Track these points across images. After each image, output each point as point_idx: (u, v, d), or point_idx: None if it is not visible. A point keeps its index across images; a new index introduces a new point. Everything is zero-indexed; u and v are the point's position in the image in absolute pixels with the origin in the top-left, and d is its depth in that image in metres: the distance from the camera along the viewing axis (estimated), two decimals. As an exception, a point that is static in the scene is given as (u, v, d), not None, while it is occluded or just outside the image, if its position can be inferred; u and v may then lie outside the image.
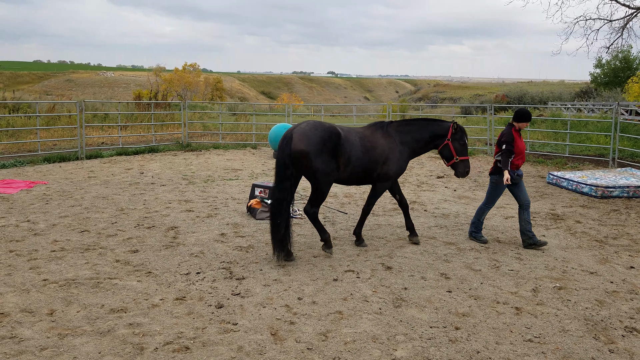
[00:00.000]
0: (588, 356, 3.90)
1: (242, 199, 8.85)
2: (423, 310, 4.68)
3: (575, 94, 46.47)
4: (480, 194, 9.85)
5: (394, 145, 6.31)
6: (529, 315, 4.59)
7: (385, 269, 5.71)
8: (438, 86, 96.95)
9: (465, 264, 5.93)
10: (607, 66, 42.72)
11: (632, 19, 14.14)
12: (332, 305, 4.73)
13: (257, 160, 13.64)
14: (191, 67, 44.13)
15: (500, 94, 53.66)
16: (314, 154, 5.66)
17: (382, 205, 8.75)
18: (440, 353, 3.92)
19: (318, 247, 6.42)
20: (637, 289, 5.25)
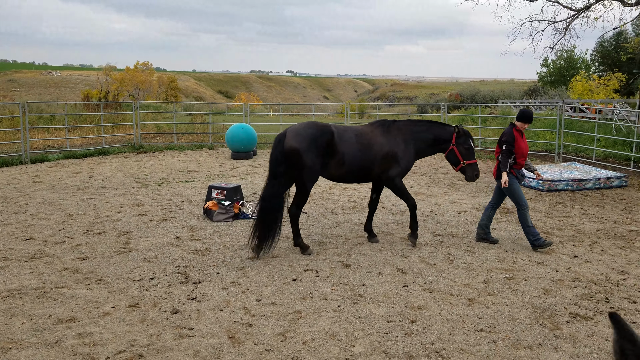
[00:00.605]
0: (536, 342, 4.06)
1: (198, 202, 8.71)
2: (380, 305, 4.75)
3: (524, 92, 48.22)
4: (435, 190, 10.07)
5: (397, 143, 6.32)
6: (481, 306, 4.73)
7: (344, 267, 5.75)
8: (395, 85, 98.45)
9: (420, 259, 6.05)
10: (552, 65, 44.57)
11: (573, 20, 14.80)
12: (291, 305, 4.73)
13: (214, 161, 13.46)
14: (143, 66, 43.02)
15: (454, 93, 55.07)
16: (304, 151, 5.82)
17: (341, 204, 8.81)
18: (397, 346, 3.99)
19: (276, 248, 6.39)
20: (581, 277, 5.51)
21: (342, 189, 10.11)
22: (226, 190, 7.87)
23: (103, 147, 14.59)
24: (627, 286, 5.29)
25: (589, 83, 31.96)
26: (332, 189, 10.10)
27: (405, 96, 73.27)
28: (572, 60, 43.58)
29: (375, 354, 3.89)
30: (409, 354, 3.89)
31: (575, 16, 14.61)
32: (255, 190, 9.70)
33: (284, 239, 6.79)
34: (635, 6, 13.77)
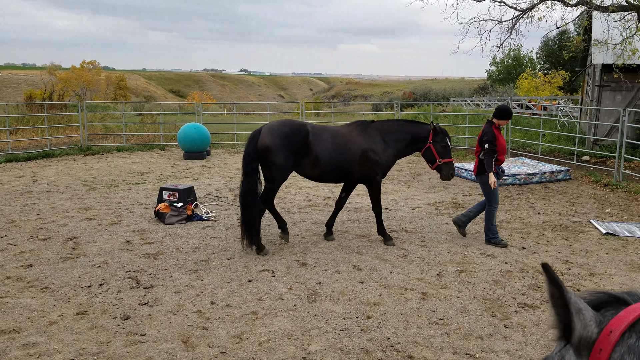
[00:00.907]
0: (486, 333, 4.19)
1: (149, 204, 8.49)
2: (337, 302, 4.77)
3: (474, 90, 49.72)
4: (390, 187, 10.21)
5: (376, 142, 6.31)
6: (434, 299, 4.83)
7: (300, 266, 5.75)
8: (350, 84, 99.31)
9: (376, 255, 6.12)
10: (501, 64, 46.13)
11: (519, 20, 15.29)
12: (246, 307, 4.68)
13: (166, 162, 13.15)
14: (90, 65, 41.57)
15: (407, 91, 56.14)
16: (276, 149, 5.88)
17: (297, 203, 8.80)
18: (353, 343, 4.02)
19: (232, 249, 6.32)
20: (528, 268, 5.72)
21: (297, 187, 10.10)
22: (178, 192, 7.70)
23: (48, 149, 13.98)
24: (572, 275, 5.53)
25: (535, 81, 33.29)
26: (287, 188, 10.07)
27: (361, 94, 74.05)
28: (519, 59, 45.25)
29: (332, 351, 3.90)
30: (365, 349, 3.92)
31: (520, 16, 15.10)
32: (209, 191, 9.55)
33: (240, 239, 6.71)
34: (576, 7, 14.38)
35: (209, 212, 7.85)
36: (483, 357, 3.81)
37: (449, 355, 3.83)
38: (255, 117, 27.03)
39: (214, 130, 17.98)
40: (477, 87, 50.95)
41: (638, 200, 9.15)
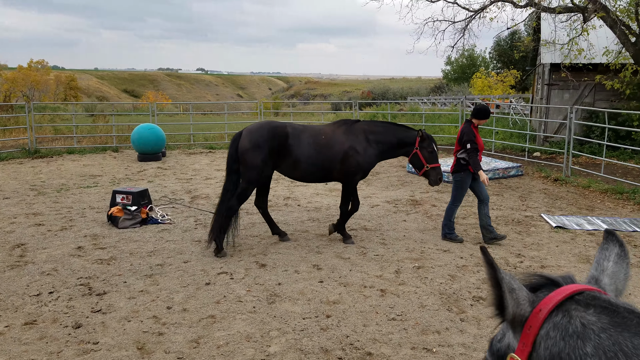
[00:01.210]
0: (443, 327, 4.27)
1: (101, 208, 8.22)
2: (296, 303, 4.75)
3: (430, 89, 50.72)
4: (348, 186, 10.26)
5: (359, 141, 6.29)
6: (393, 296, 4.89)
7: (259, 267, 5.69)
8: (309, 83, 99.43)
9: (335, 254, 6.14)
10: (455, 63, 47.24)
11: (471, 20, 15.69)
12: (204, 310, 4.60)
13: (119, 164, 12.77)
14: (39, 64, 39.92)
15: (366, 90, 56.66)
16: (254, 150, 5.98)
17: (254, 203, 8.71)
18: (313, 343, 4.01)
19: (188, 252, 6.20)
20: (482, 262, 5.86)
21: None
22: (132, 195, 7.49)
23: (-7, 152, 13.33)
24: (524, 268, 5.71)
25: (488, 80, 34.24)
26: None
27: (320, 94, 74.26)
28: (473, 59, 46.46)
29: (291, 352, 3.88)
30: (324, 348, 3.92)
31: (472, 17, 15.49)
32: (165, 194, 9.35)
33: (197, 242, 6.60)
34: (525, 8, 14.87)
35: (164, 215, 7.68)
36: (440, 351, 3.88)
37: (407, 351, 3.88)
38: (212, 117, 26.64)
39: (170, 130, 17.62)
40: (434, 86, 52.00)
41: (585, 194, 9.56)
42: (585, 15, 13.04)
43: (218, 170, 11.97)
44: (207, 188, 9.94)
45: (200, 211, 8.14)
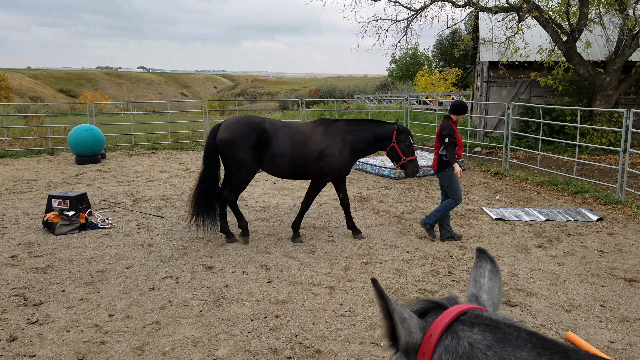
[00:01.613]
0: (390, 322, 4.33)
1: (37, 214, 7.80)
2: (244, 304, 4.69)
3: (376, 87, 51.47)
4: (297, 184, 10.26)
5: (335, 142, 6.30)
6: (341, 292, 4.93)
7: (206, 270, 5.58)
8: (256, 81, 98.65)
9: (284, 253, 6.11)
10: (400, 62, 48.16)
11: (413, 19, 16.05)
12: (148, 317, 4.46)
13: (55, 167, 12.18)
14: (-35, 64, 37.44)
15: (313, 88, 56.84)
16: (232, 144, 6.12)
17: (201, 204, 8.54)
18: (262, 343, 3.97)
19: (131, 257, 5.99)
20: (428, 255, 6.02)
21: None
22: (69, 199, 7.16)
23: None
24: (466, 259, 5.90)
25: (431, 78, 35.16)
26: (192, 190, 9.75)
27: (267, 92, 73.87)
28: (416, 57, 47.51)
29: (240, 354, 3.83)
30: (274, 349, 3.90)
31: (414, 16, 15.86)
32: (105, 197, 9.00)
33: (140, 247, 6.39)
34: (464, 7, 15.37)
35: (105, 220, 7.39)
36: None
37: (356, 346, 3.92)
38: (155, 116, 25.90)
39: (110, 131, 16.99)
40: (379, 84, 52.80)
41: (523, 187, 10.00)
42: (520, 14, 13.64)
43: (161, 172, 11.66)
44: (150, 190, 9.66)
45: (143, 214, 7.89)
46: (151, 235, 6.84)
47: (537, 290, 5.01)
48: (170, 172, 11.63)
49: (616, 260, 5.86)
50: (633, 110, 8.68)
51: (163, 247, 6.34)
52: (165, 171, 11.79)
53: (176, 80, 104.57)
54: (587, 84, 14.55)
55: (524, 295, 4.89)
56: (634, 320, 4.39)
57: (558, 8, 13.65)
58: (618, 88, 13.73)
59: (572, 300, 4.79)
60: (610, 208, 8.26)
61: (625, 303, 4.73)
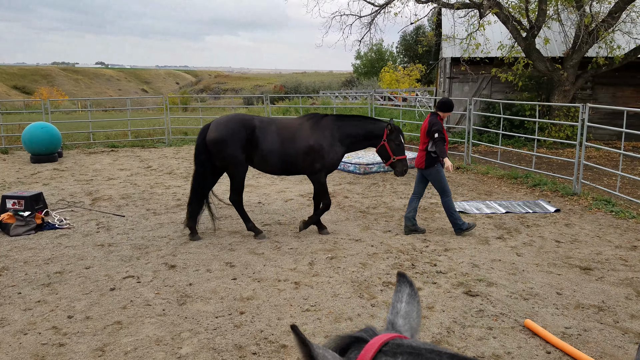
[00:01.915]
0: (355, 313, 4.37)
1: (-10, 214, 7.49)
2: (208, 302, 4.64)
3: (342, 83, 51.68)
4: (262, 181, 10.20)
5: (325, 137, 6.29)
6: (307, 287, 4.93)
7: (168, 268, 5.49)
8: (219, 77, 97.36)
9: (249, 250, 6.07)
10: (365, 58, 48.48)
11: (376, 15, 16.16)
12: (109, 317, 4.35)
13: (10, 167, 11.72)
14: None
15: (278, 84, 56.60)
16: (222, 142, 6.10)
17: (164, 203, 8.39)
18: (226, 340, 3.94)
19: (90, 258, 5.83)
20: (392, 249, 6.09)
21: (164, 187, 9.65)
22: (24, 199, 6.90)
23: None
24: (429, 252, 6.00)
25: (396, 74, 35.54)
26: (153, 188, 9.58)
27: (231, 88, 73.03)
28: (381, 53, 47.92)
29: (204, 351, 3.79)
30: (239, 345, 3.87)
31: (378, 11, 15.96)
32: (63, 197, 8.72)
33: (99, 247, 6.23)
34: (426, 3, 15.57)
35: (62, 220, 7.16)
36: (352, 338, 3.97)
37: (321, 340, 3.93)
38: (114, 113, 25.25)
39: (67, 129, 16.46)
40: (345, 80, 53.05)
41: (484, 180, 10.24)
42: (481, 11, 13.92)
43: (121, 170, 11.39)
44: (110, 189, 9.42)
45: (102, 214, 7.69)
46: (111, 235, 6.67)
47: (497, 280, 5.14)
48: (131, 170, 11.37)
49: (572, 250, 6.07)
50: (589, 105, 9.00)
51: (124, 247, 6.20)
52: (126, 169, 11.52)
53: (136, 76, 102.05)
54: (545, 80, 15.00)
55: (485, 285, 5.01)
56: (589, 306, 4.56)
57: (518, 5, 13.99)
58: (575, 83, 14.20)
59: (530, 289, 4.94)
60: (567, 200, 8.55)
61: (581, 290, 4.91)
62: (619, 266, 5.53)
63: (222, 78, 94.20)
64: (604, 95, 15.80)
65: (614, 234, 6.67)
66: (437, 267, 5.50)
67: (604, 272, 5.37)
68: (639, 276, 5.24)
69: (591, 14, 12.97)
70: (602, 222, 7.22)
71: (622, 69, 14.47)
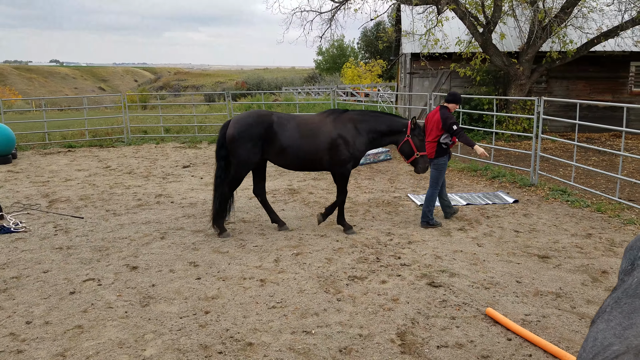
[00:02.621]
0: (321, 308, 4.40)
1: (-62, 219, 7.14)
2: (172, 303, 4.57)
3: (304, 79, 51.59)
4: (224, 178, 10.09)
5: (348, 131, 6.31)
6: (272, 284, 4.92)
7: (130, 270, 5.37)
8: (179, 74, 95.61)
9: (213, 249, 6.00)
10: (327, 54, 48.54)
11: (337, 11, 16.21)
12: (69, 321, 4.23)
13: (-39, 169, 11.20)
14: None
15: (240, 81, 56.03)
16: (239, 139, 6.17)
17: (125, 204, 8.20)
18: (191, 341, 3.89)
19: (48, 261, 5.64)
20: (357, 243, 6.15)
21: (124, 187, 9.42)
22: None
23: None
24: (393, 245, 6.09)
25: (358, 69, 35.75)
26: (112, 188, 9.34)
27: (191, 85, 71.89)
28: (342, 49, 48.07)
29: (169, 352, 3.73)
30: (204, 345, 3.83)
31: (338, 7, 16.00)
32: (18, 199, 8.40)
33: (58, 250, 6.03)
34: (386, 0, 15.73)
35: (18, 223, 6.90)
36: (319, 332, 3.99)
37: (287, 336, 3.94)
38: (71, 112, 24.46)
39: (21, 129, 15.84)
40: (307, 76, 52.98)
41: (445, 174, 10.41)
42: (439, 7, 14.15)
43: (79, 171, 11.05)
44: (68, 190, 9.13)
45: (60, 216, 7.45)
46: (70, 237, 6.48)
47: (459, 270, 5.27)
48: (89, 171, 11.05)
49: (530, 239, 6.28)
50: (544, 98, 9.30)
51: (83, 249, 6.03)
52: (84, 170, 11.19)
53: (93, 73, 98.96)
54: (502, 74, 15.40)
55: (447, 275, 5.12)
56: (547, 293, 4.73)
57: (474, 1, 14.31)
58: (530, 77, 14.65)
59: (491, 278, 5.08)
60: (524, 190, 8.83)
61: (539, 278, 5.08)
62: (575, 254, 5.76)
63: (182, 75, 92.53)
64: (558, 88, 16.37)
65: (569, 223, 6.93)
66: (401, 259, 5.58)
67: (561, 259, 5.58)
68: (594, 263, 5.47)
69: (544, 9, 13.38)
70: (559, 212, 7.49)
71: (574, 62, 15.03)
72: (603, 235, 6.41)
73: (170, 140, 15.69)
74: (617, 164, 10.43)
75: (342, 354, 3.69)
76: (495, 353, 3.71)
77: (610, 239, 6.23)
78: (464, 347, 3.79)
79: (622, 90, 16.31)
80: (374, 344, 3.83)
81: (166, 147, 14.62)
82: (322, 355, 3.69)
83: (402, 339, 3.90)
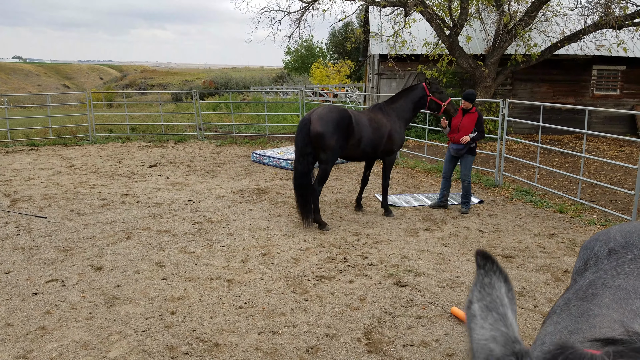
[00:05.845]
0: (288, 308, 4.43)
1: None
2: (138, 303, 4.52)
3: (272, 79, 51.39)
4: (193, 178, 10.00)
5: (393, 121, 7.11)
6: (239, 285, 4.92)
7: (94, 270, 5.28)
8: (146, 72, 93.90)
9: (180, 249, 5.96)
10: (295, 54, 48.49)
11: (305, 11, 16.24)
12: (32, 323, 4.14)
13: None
14: None
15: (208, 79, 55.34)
16: (329, 135, 6.44)
17: (89, 203, 8.03)
18: (157, 342, 3.87)
19: (10, 262, 5.49)
20: (324, 243, 6.20)
21: (89, 186, 9.22)
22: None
23: None
24: (360, 245, 6.17)
25: (326, 70, 35.85)
26: (77, 187, 9.13)
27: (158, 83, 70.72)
28: (311, 49, 48.12)
29: (134, 354, 3.70)
30: (170, 346, 3.81)
31: (306, 8, 16.03)
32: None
33: (20, 250, 5.87)
34: (354, 0, 15.85)
35: (-24, 223, 6.68)
36: (286, 332, 4.03)
37: (254, 336, 3.95)
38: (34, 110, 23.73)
39: (-20, 126, 15.29)
40: (276, 76, 52.79)
41: (412, 174, 10.62)
42: (406, 9, 14.36)
43: (42, 170, 10.76)
44: (30, 189, 8.88)
45: (22, 216, 7.24)
46: (32, 237, 6.31)
47: (425, 270, 5.38)
48: (53, 170, 10.77)
49: (495, 239, 6.46)
50: (508, 100, 9.57)
51: (46, 249, 5.89)
52: (47, 169, 10.89)
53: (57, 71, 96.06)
54: (468, 76, 15.74)
55: (413, 275, 5.23)
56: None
57: (441, 3, 14.57)
58: (496, 79, 15.02)
59: (457, 277, 5.21)
60: (489, 191, 9.06)
61: (499, 275, 5.23)
62: (538, 253, 5.96)
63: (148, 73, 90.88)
64: (523, 90, 16.85)
65: (533, 223, 7.16)
66: (368, 259, 5.67)
67: (524, 259, 5.76)
68: (556, 262, 5.67)
69: (510, 13, 13.75)
70: (522, 212, 7.72)
71: (539, 65, 15.49)
72: (565, 235, 6.64)
73: (136, 139, 15.42)
74: (579, 165, 10.84)
75: (309, 354, 3.74)
76: (460, 351, 3.82)
77: (572, 239, 6.46)
78: (429, 345, 3.89)
79: (584, 93, 16.89)
80: (341, 343, 3.89)
81: (132, 146, 14.36)
82: (289, 355, 3.72)
83: (368, 338, 3.97)
